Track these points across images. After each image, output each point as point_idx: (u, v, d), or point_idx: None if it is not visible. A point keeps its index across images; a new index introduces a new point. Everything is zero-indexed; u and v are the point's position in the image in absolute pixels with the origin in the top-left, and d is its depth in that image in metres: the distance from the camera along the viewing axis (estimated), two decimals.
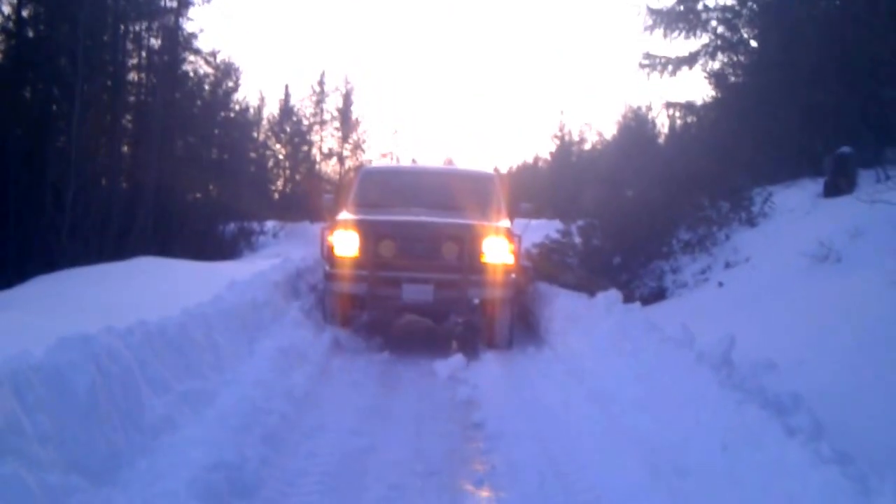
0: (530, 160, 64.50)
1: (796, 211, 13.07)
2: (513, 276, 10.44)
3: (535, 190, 38.45)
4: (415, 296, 10.05)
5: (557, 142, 56.46)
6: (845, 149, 13.22)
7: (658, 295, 13.11)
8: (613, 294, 9.80)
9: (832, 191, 13.11)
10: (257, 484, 5.02)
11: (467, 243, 10.15)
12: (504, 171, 59.17)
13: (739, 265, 12.33)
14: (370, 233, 10.18)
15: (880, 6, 12.57)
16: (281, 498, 4.99)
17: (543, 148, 66.22)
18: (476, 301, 10.32)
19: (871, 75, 13.71)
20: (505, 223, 10.90)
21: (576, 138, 56.49)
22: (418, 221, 10.39)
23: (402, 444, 6.39)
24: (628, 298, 10.40)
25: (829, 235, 10.23)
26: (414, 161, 39.01)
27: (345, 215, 10.78)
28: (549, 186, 44.08)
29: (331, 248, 10.31)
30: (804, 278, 9.87)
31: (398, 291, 10.01)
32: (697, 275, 13.02)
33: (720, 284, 11.83)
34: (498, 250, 10.24)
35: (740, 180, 15.56)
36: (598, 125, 57.89)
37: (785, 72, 17.22)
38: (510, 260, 10.33)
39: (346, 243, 10.19)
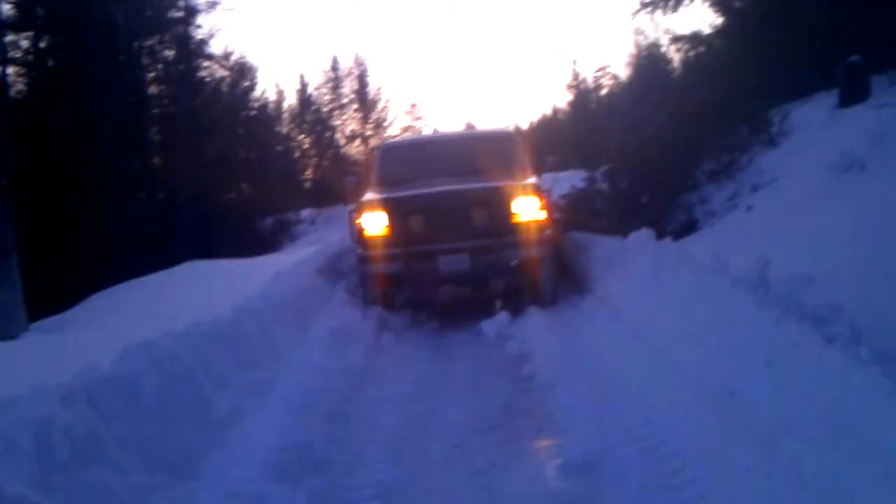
0: (549, 113, 64.26)
1: (814, 125, 12.98)
2: (547, 232, 10.10)
3: (557, 142, 38.16)
4: (452, 266, 9.75)
5: (574, 91, 56.19)
6: (855, 57, 13.11)
7: (689, 227, 13.10)
8: (645, 233, 9.82)
9: (847, 100, 13.02)
10: (326, 459, 5.18)
11: (497, 206, 9.82)
12: (525, 127, 58.97)
13: (766, 187, 12.30)
14: (398, 209, 9.87)
15: None
16: (351, 469, 5.15)
17: (561, 99, 65.59)
18: (514, 263, 9.92)
19: None
20: (532, 180, 10.48)
21: (591, 85, 56.21)
22: (445, 191, 10.00)
23: (459, 405, 6.52)
24: (660, 235, 10.36)
25: (850, 145, 10.20)
26: (436, 131, 38.17)
27: (370, 195, 10.45)
28: (570, 137, 43.86)
29: (360, 231, 10.02)
30: (831, 191, 9.87)
31: (434, 264, 9.72)
32: (726, 202, 13.00)
33: (749, 208, 11.83)
34: (529, 208, 9.88)
35: (756, 103, 15.43)
36: (612, 69, 57.02)
37: None
38: (542, 216, 9.96)
39: (374, 223, 9.86)
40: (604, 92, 53.97)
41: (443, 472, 5.15)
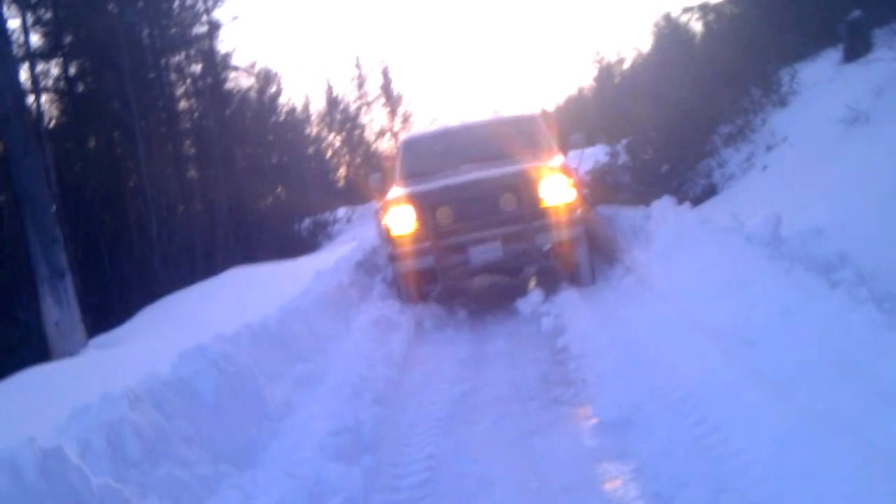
0: (575, 92, 63.93)
1: (822, 82, 13.10)
2: (578, 211, 9.69)
3: (583, 119, 38.05)
4: (484, 256, 9.41)
5: (597, 66, 55.82)
6: (856, 12, 13.19)
7: (710, 191, 13.29)
8: (666, 200, 9.94)
9: (851, 55, 13.10)
10: (377, 440, 5.48)
11: (525, 190, 9.41)
12: (551, 108, 58.74)
13: (779, 146, 12.45)
14: (424, 203, 9.50)
15: None
16: (401, 448, 5.45)
17: (586, 77, 65.02)
18: (547, 247, 9.75)
19: None
20: (558, 160, 10.21)
21: (614, 60, 55.83)
22: (471, 180, 9.64)
23: (499, 381, 6.79)
24: (682, 201, 10.48)
25: (855, 98, 10.34)
26: (462, 120, 38.16)
27: (395, 191, 10.19)
28: (596, 113, 43.65)
29: (388, 228, 9.74)
30: (838, 144, 10.04)
31: (466, 256, 9.41)
32: (742, 163, 13.17)
33: (764, 168, 12.00)
34: (557, 189, 9.51)
35: (767, 65, 15.54)
36: (634, 42, 56.51)
37: None
38: (572, 196, 9.58)
39: (402, 219, 9.57)
40: (627, 65, 53.64)
41: (487, 441, 5.41)
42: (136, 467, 4.02)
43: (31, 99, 21.68)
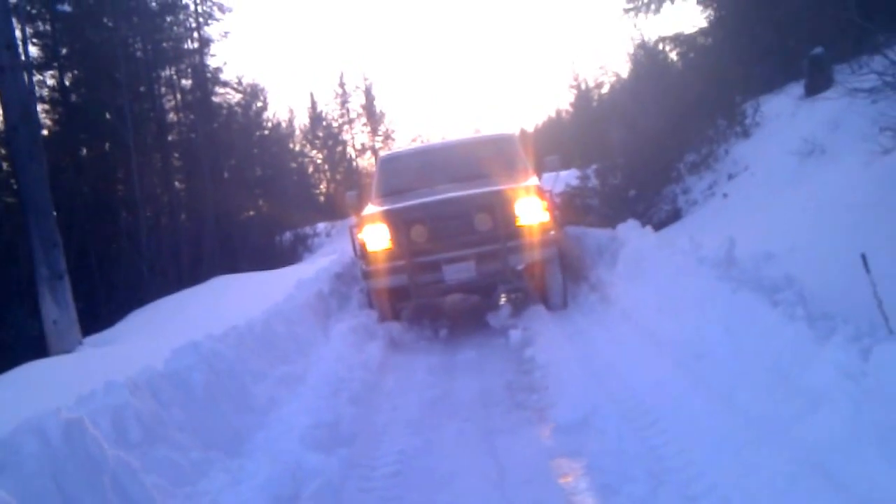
0: (553, 115, 64.41)
1: (783, 115, 13.50)
2: (552, 233, 9.57)
3: (560, 142, 38.36)
4: (457, 275, 9.22)
5: (575, 91, 56.06)
6: (818, 49, 13.57)
7: (674, 216, 13.69)
8: (631, 223, 10.31)
9: (811, 90, 13.44)
10: (354, 435, 5.84)
11: (499, 210, 9.25)
12: (530, 129, 59.13)
13: (740, 174, 12.88)
14: (399, 221, 9.35)
15: None
16: (375, 442, 5.80)
17: (564, 100, 65.12)
18: (520, 267, 9.63)
19: None
20: (533, 181, 9.99)
21: (592, 84, 56.08)
22: (445, 199, 9.50)
23: (468, 387, 7.14)
24: (647, 225, 10.83)
25: (812, 132, 10.78)
26: (444, 139, 38.18)
27: (370, 208, 10.05)
28: (574, 136, 43.93)
29: (363, 245, 9.60)
30: (795, 175, 10.46)
31: (440, 274, 9.23)
32: (705, 191, 13.59)
33: (725, 195, 12.40)
34: (531, 211, 9.39)
35: (734, 97, 16.00)
36: (612, 66, 56.67)
37: None
38: (546, 218, 9.45)
39: (377, 236, 9.44)
40: (605, 90, 53.86)
41: (454, 440, 5.74)
42: (136, 447, 4.34)
43: None
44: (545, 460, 5.04)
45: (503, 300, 10.80)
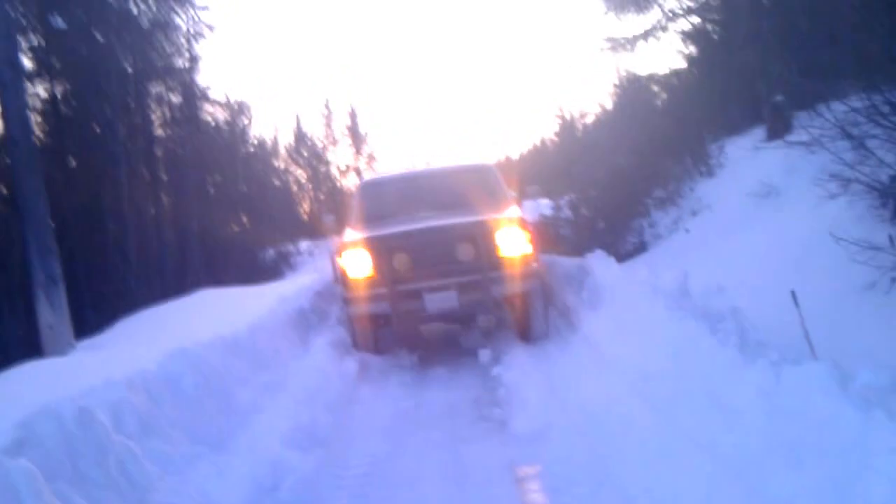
0: (538, 144, 64.56)
1: (746, 157, 13.95)
2: (534, 265, 9.45)
3: (544, 171, 38.67)
4: (439, 304, 9.06)
5: (560, 121, 56.29)
6: (779, 97, 14.14)
7: (640, 248, 14.23)
8: (599, 254, 10.78)
9: (772, 135, 13.93)
10: (330, 438, 6.36)
11: (482, 240, 9.12)
12: (515, 157, 59.33)
13: (702, 212, 13.45)
14: (381, 248, 9.17)
15: None
16: (349, 445, 6.28)
17: (549, 130, 65.11)
18: (502, 298, 9.48)
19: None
20: (517, 212, 9.93)
21: (577, 115, 56.35)
22: (429, 227, 9.35)
23: (438, 400, 7.61)
24: (615, 256, 11.32)
25: (770, 175, 11.33)
26: (428, 164, 37.97)
27: (352, 234, 9.84)
28: (558, 165, 44.23)
29: (344, 271, 9.39)
30: (751, 214, 11.03)
31: (421, 303, 9.03)
32: (670, 225, 14.13)
33: (687, 231, 12.96)
34: (514, 242, 9.25)
35: (701, 137, 16.57)
36: (594, 100, 56.83)
37: (729, 36, 18.16)
38: (529, 249, 9.31)
39: (359, 263, 9.22)
40: (590, 120, 54.16)
41: (422, 447, 6.21)
42: (133, 438, 4.76)
43: None
44: (503, 465, 5.52)
45: (476, 324, 10.88)
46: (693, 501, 4.26)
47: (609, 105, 25.43)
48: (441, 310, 9.20)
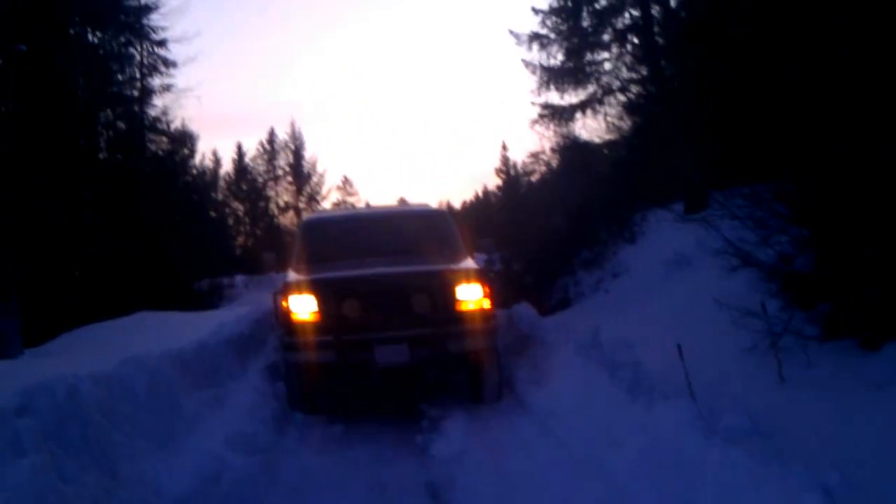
0: (480, 194, 65.18)
1: (664, 228, 14.95)
2: (492, 321, 8.78)
3: (488, 223, 39.10)
4: (389, 358, 8.32)
5: (503, 176, 56.96)
6: (696, 175, 15.19)
7: (564, 304, 15.16)
8: (524, 306, 11.70)
9: (690, 210, 14.93)
10: (270, 444, 7.23)
11: (439, 292, 8.56)
12: (457, 205, 59.91)
13: (622, 274, 14.49)
14: (329, 292, 8.52)
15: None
16: (291, 450, 7.19)
17: (491, 181, 65.50)
18: (457, 354, 8.63)
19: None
20: (474, 264, 9.33)
21: (521, 171, 56.78)
22: (383, 273, 8.72)
23: (369, 420, 8.39)
24: (540, 309, 12.22)
25: (683, 246, 12.33)
26: (367, 205, 36.85)
27: (296, 276, 9.12)
28: (502, 219, 44.75)
29: (287, 314, 8.61)
30: (664, 280, 12.07)
31: (370, 355, 8.30)
32: (593, 285, 15.12)
33: (607, 291, 13.96)
34: (473, 295, 8.60)
35: (626, 206, 17.60)
36: (542, 156, 56.98)
37: (656, 114, 19.30)
38: (487, 304, 8.65)
39: (303, 307, 8.49)
40: (535, 178, 54.65)
41: (351, 462, 6.91)
42: (98, 426, 5.41)
43: None
44: (420, 481, 6.27)
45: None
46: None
47: (553, 164, 26.44)
48: (392, 363, 8.41)
